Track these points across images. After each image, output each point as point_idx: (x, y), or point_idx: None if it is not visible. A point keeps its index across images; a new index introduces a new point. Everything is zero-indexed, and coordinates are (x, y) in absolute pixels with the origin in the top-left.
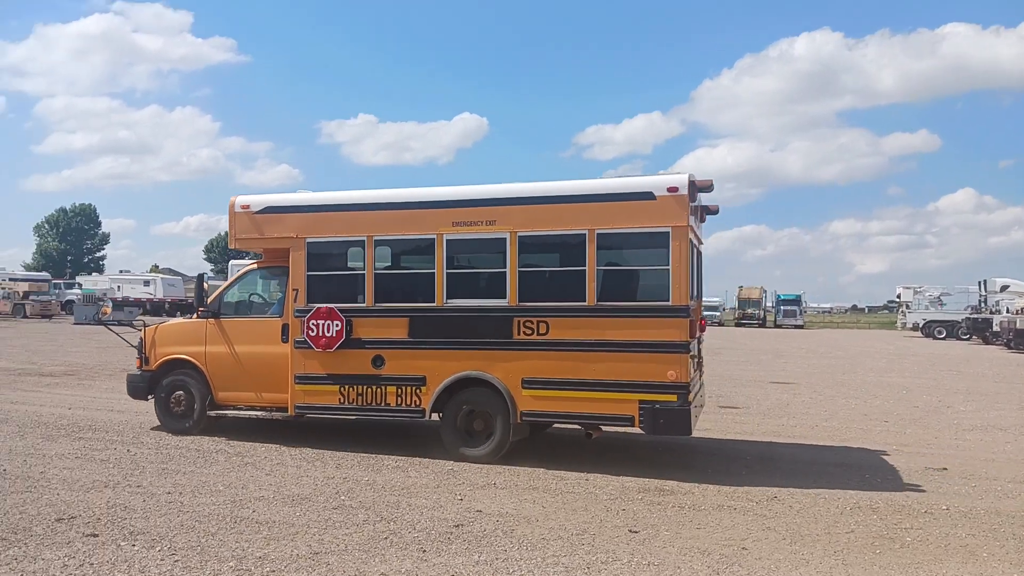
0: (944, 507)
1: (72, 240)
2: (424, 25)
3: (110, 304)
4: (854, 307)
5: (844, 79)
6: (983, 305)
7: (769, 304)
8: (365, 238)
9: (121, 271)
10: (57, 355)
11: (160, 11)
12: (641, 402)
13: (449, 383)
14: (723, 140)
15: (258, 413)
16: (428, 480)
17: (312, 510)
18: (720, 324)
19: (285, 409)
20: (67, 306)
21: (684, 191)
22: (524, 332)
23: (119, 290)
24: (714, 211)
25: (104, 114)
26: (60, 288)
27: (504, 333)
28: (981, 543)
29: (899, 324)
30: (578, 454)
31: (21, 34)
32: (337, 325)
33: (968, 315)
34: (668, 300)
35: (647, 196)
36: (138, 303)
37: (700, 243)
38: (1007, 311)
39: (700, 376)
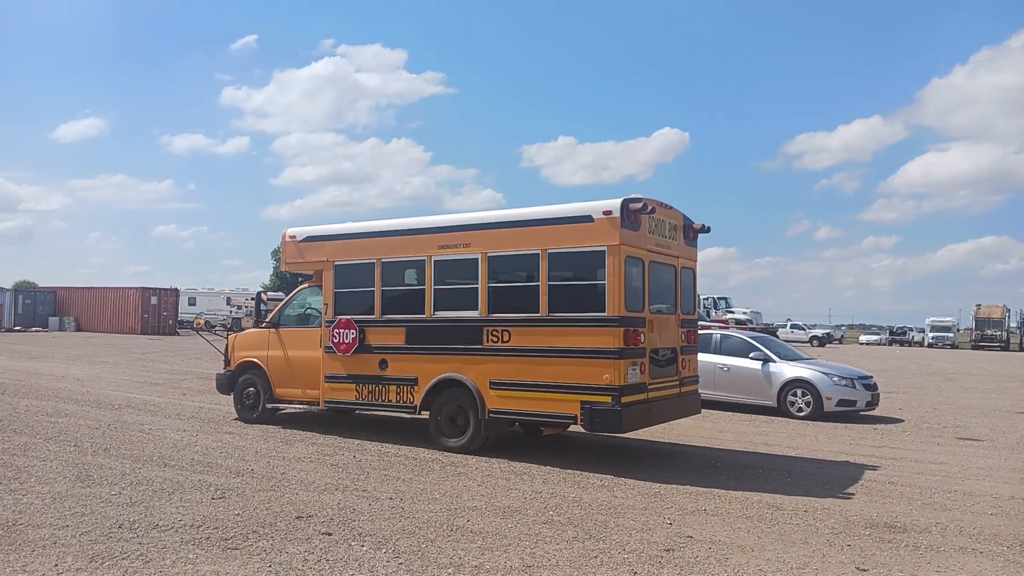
0: None
1: None
2: (622, 42)
3: (204, 316)
4: None
5: None
6: None
7: (1014, 324)
8: (375, 260)
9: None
10: None
11: (378, 51)
12: (582, 402)
13: (434, 383)
14: (955, 143)
15: (303, 407)
16: (635, 501)
17: (523, 523)
18: (953, 346)
19: (319, 403)
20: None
21: (616, 214)
22: (491, 340)
23: None
24: (703, 230)
25: (330, 148)
26: None
27: (476, 340)
28: None
29: None
30: (793, 483)
31: (263, 81)
32: (353, 333)
33: None
34: (604, 311)
35: (587, 219)
36: None
37: (686, 260)
38: None
39: (680, 385)
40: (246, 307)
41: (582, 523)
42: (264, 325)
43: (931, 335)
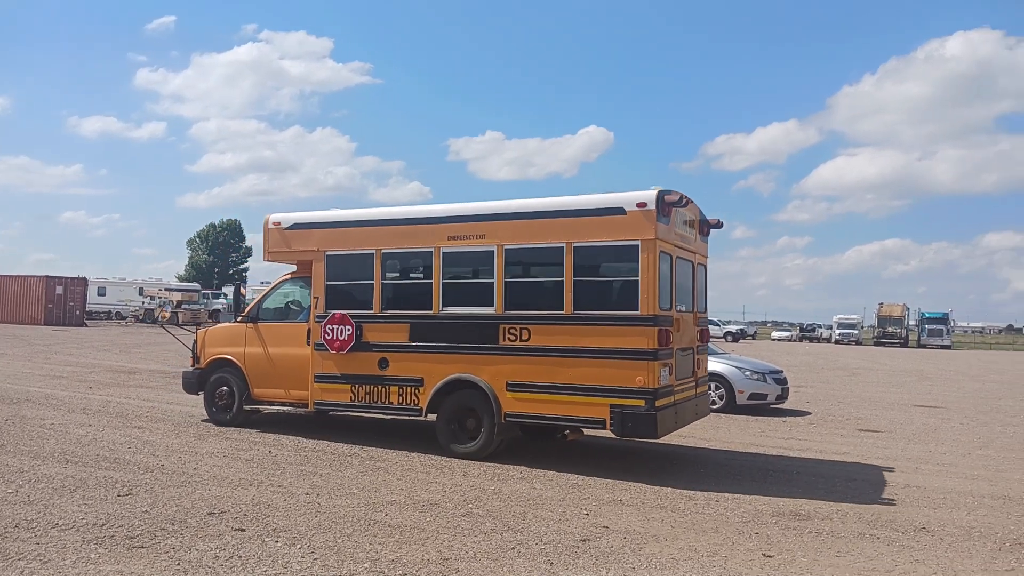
0: None
1: (219, 253)
2: (549, 39)
3: (168, 309)
4: (1010, 327)
5: (1004, 81)
6: None
7: (912, 322)
8: (374, 251)
9: (263, 282)
10: None
11: (303, 38)
12: (612, 406)
13: (442, 384)
14: (864, 149)
15: (286, 409)
16: (553, 493)
17: (442, 516)
18: (858, 343)
19: (307, 405)
20: (214, 315)
21: (652, 206)
22: (508, 338)
23: None
24: (716, 225)
25: (251, 135)
26: (208, 298)
27: (491, 339)
28: None
29: None
30: (706, 474)
31: (181, 64)
32: (349, 330)
33: None
34: (637, 309)
35: (618, 211)
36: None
37: (701, 256)
38: None
39: (696, 385)
40: (160, 298)
41: (501, 515)
42: (240, 320)
43: (838, 332)
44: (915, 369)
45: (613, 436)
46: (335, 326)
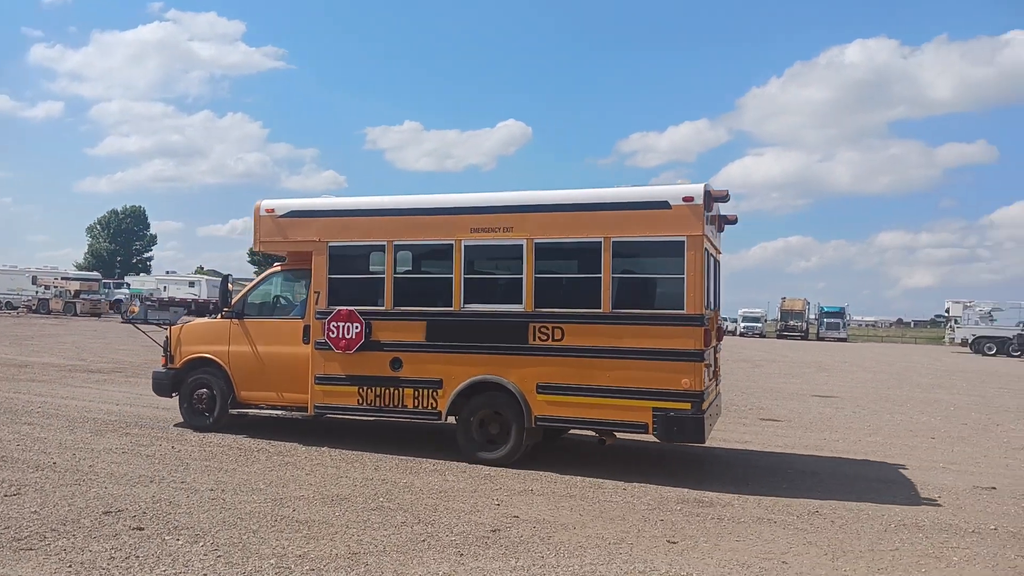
0: (992, 527)
1: (122, 241)
2: (470, 33)
3: (137, 303)
4: (899, 321)
5: (897, 88)
6: None
7: (812, 316)
8: (385, 243)
9: (168, 272)
10: (106, 352)
11: (214, 20)
12: (655, 409)
13: (465, 387)
14: (770, 149)
15: (278, 413)
16: (465, 484)
17: (351, 510)
18: (762, 336)
19: (304, 409)
20: (116, 305)
21: (699, 201)
22: (539, 338)
23: (165, 290)
24: (732, 221)
25: (158, 118)
26: (109, 288)
27: (520, 338)
28: None
29: (947, 339)
30: (615, 463)
31: (80, 41)
32: (357, 327)
33: (1020, 331)
34: (683, 309)
35: (662, 205)
36: (183, 303)
37: (718, 253)
38: None
39: (716, 385)
40: (55, 287)
41: (412, 508)
42: (222, 315)
43: (742, 325)
44: (814, 361)
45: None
46: (341, 323)
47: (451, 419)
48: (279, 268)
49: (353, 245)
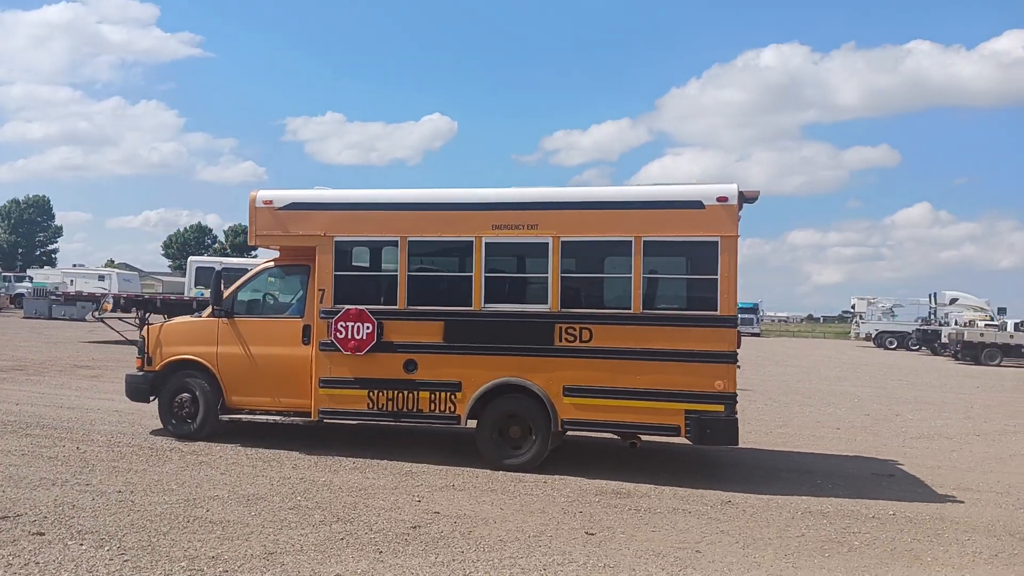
0: (891, 512)
1: (24, 232)
2: (394, 24)
3: (111, 300)
4: (809, 316)
5: (809, 92)
6: (932, 317)
7: None
8: (399, 239)
9: (75, 265)
10: (5, 350)
11: (125, 3)
12: (688, 412)
13: (487, 389)
14: (688, 149)
15: (274, 419)
16: (386, 481)
17: (268, 510)
18: None
19: (303, 414)
20: (17, 300)
21: (733, 201)
22: (566, 339)
23: (72, 284)
24: (752, 199)
25: (63, 104)
26: (10, 281)
27: (545, 339)
28: (925, 547)
29: (852, 334)
30: None
31: None
32: (368, 328)
33: (918, 327)
34: (716, 310)
35: (696, 205)
36: (92, 298)
37: None
38: (955, 323)
39: None
40: None
41: (331, 506)
42: (209, 314)
43: None
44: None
45: (688, 442)
46: (350, 323)
47: (471, 423)
48: (272, 264)
49: (362, 240)
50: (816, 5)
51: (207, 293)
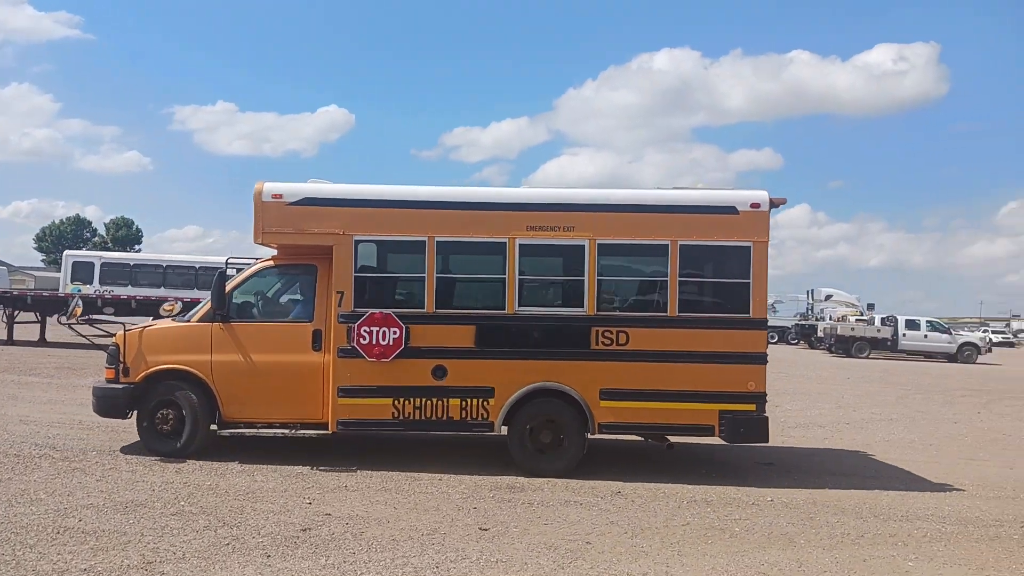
0: (769, 499)
1: None
2: (288, 10)
3: (80, 304)
4: None
5: (699, 96)
6: (810, 313)
7: None
8: (426, 238)
9: None
10: None
11: None
12: (722, 412)
13: (524, 394)
14: (584, 149)
15: (280, 432)
16: (276, 484)
17: (147, 517)
18: None
19: (312, 426)
20: None
21: (765, 207)
22: (602, 342)
23: None
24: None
25: None
26: None
27: (581, 343)
28: (799, 531)
29: None
30: (430, 456)
31: None
32: (395, 333)
33: (797, 322)
34: (748, 313)
35: (730, 211)
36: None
37: None
38: (830, 318)
39: None
40: None
41: (216, 511)
42: (200, 318)
43: None
44: None
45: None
46: (375, 328)
47: (503, 430)
48: (271, 263)
49: (386, 240)
50: (707, 11)
51: (84, 289)
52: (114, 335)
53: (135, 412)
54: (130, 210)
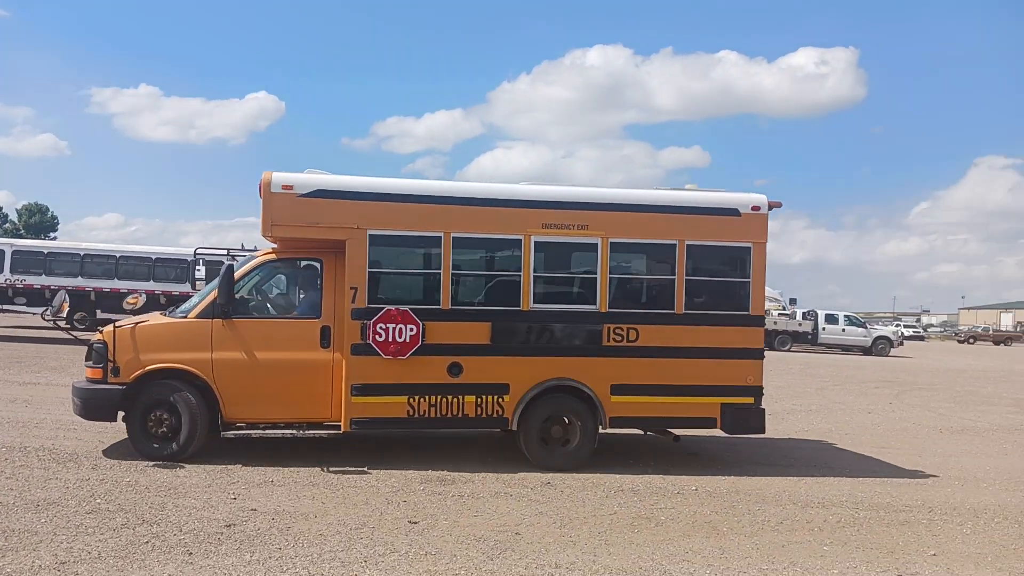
0: (694, 488)
1: None
2: None
3: (67, 299)
4: None
5: (630, 94)
6: None
7: None
8: (442, 234)
9: None
10: None
11: None
12: (723, 404)
13: (540, 390)
14: (518, 143)
15: (287, 432)
16: (199, 479)
17: (61, 516)
18: None
19: (320, 425)
20: None
21: (765, 210)
22: (615, 338)
23: None
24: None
25: None
26: None
27: (594, 339)
28: (723, 518)
29: None
30: (362, 450)
31: None
32: (412, 330)
33: None
34: (748, 310)
35: (733, 212)
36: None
37: None
38: None
39: None
40: None
41: (135, 508)
42: (198, 314)
43: None
44: None
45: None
46: (392, 325)
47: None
48: (273, 256)
49: (401, 235)
50: (639, 9)
51: None
52: (100, 331)
53: (123, 414)
54: (45, 196)
